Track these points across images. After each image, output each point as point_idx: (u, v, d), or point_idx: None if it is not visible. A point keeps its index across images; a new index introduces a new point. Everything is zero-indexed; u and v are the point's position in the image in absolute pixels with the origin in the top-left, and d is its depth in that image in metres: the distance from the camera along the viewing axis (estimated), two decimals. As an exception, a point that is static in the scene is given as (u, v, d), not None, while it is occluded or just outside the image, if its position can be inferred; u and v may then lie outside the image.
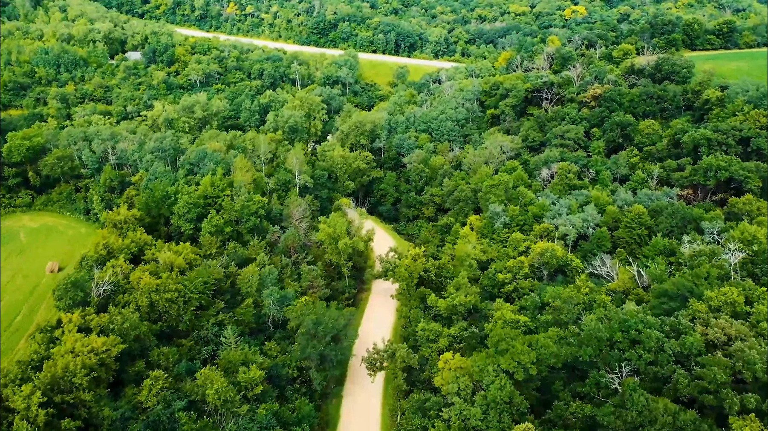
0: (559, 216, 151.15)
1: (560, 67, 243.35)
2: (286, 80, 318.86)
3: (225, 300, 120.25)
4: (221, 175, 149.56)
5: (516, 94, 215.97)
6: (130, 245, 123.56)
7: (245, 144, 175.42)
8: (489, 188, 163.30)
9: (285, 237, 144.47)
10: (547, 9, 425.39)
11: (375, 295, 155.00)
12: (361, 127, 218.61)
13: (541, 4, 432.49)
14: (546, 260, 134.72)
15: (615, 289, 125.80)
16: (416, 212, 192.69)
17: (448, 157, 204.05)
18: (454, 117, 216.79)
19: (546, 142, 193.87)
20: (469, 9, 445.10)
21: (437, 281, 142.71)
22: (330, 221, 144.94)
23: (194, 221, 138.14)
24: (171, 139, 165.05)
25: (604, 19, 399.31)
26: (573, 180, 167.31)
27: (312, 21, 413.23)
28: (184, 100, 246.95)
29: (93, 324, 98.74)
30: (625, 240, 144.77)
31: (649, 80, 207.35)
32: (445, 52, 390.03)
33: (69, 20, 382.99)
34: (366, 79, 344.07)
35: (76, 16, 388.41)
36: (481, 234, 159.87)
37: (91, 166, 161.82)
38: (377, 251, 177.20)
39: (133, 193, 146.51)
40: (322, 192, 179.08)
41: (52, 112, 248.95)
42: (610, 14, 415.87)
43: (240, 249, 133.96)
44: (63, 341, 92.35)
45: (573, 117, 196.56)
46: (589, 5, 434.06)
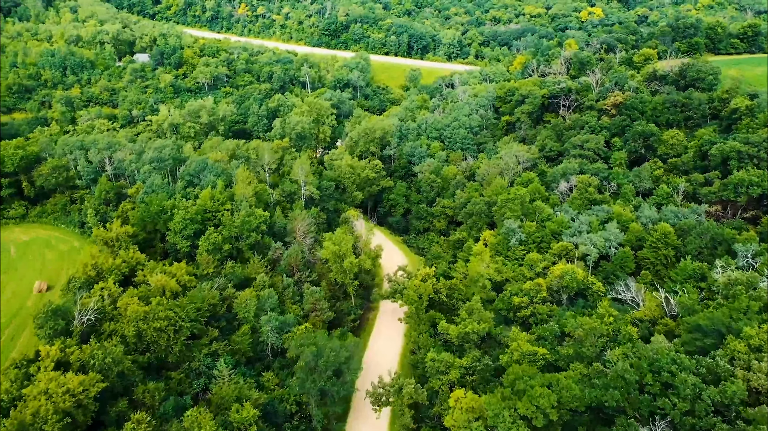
0: (579, 235, 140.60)
1: (578, 72, 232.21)
2: (296, 83, 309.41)
3: (220, 326, 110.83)
4: (222, 187, 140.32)
5: (532, 100, 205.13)
6: (120, 265, 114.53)
7: (248, 153, 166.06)
8: (504, 202, 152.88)
9: (287, 254, 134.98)
10: (563, 11, 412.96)
11: (382, 316, 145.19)
12: (370, 133, 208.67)
13: (556, 6, 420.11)
14: (565, 283, 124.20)
15: (641, 318, 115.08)
16: (427, 224, 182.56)
17: (461, 167, 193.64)
18: (467, 124, 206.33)
19: (564, 152, 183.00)
20: (483, 10, 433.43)
21: (449, 303, 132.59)
22: (335, 238, 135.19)
23: (191, 238, 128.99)
24: (171, 149, 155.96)
25: (622, 22, 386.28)
26: (593, 194, 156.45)
27: (323, 22, 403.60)
28: (190, 104, 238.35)
29: (73, 358, 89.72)
30: (650, 262, 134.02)
31: (673, 87, 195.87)
32: (459, 54, 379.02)
33: (79, 21, 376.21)
34: (378, 82, 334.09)
35: (86, 17, 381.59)
36: (495, 251, 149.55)
37: (86, 177, 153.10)
38: (386, 266, 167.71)
39: (128, 207, 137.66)
40: (329, 203, 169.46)
41: (56, 116, 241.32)
42: (627, 16, 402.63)
43: (239, 268, 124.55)
44: (36, 380, 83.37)
45: (592, 126, 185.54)
46: (606, 7, 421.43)
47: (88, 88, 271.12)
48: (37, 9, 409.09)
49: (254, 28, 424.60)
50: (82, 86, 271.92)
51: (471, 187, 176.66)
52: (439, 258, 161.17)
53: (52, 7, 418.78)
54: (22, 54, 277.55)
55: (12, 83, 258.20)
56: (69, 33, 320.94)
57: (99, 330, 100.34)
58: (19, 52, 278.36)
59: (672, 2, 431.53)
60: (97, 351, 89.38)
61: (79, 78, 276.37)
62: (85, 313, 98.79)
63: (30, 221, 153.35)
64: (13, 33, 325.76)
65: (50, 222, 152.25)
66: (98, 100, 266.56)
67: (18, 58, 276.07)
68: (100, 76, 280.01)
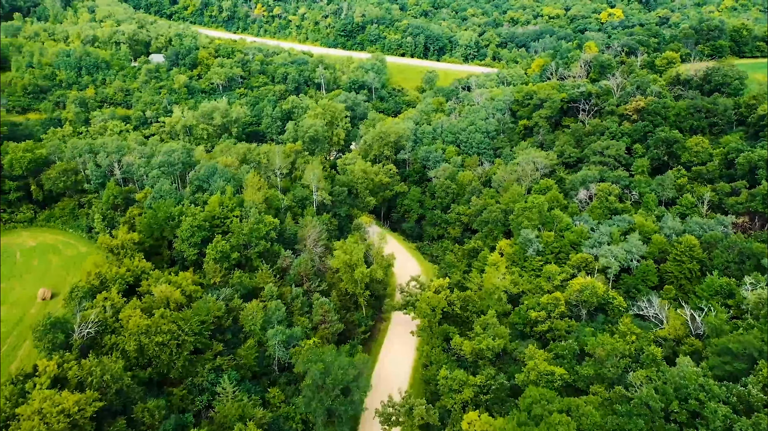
0: (599, 246, 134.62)
1: (598, 75, 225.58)
2: (311, 84, 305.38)
3: (225, 339, 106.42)
4: (231, 193, 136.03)
5: (551, 104, 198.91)
6: (125, 274, 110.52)
7: (259, 158, 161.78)
8: (521, 211, 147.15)
9: (297, 263, 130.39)
10: (583, 12, 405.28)
11: (394, 327, 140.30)
12: (385, 137, 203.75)
13: (576, 7, 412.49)
14: (585, 298, 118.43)
15: (665, 337, 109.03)
16: (441, 231, 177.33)
17: (477, 172, 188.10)
18: (484, 128, 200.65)
19: (583, 158, 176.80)
20: (501, 11, 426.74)
21: (463, 315, 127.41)
22: (346, 247, 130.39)
23: (199, 245, 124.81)
24: (181, 153, 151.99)
25: (643, 23, 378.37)
26: (614, 203, 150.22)
27: (339, 23, 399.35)
28: (203, 106, 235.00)
29: (71, 374, 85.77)
30: (673, 275, 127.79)
31: (697, 92, 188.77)
32: (476, 55, 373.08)
33: (97, 21, 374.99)
34: (393, 84, 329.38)
35: (104, 17, 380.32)
36: (511, 261, 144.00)
37: (95, 181, 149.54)
38: (399, 274, 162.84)
39: (135, 213, 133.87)
40: (341, 209, 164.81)
41: (70, 117, 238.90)
42: (648, 18, 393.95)
43: (246, 278, 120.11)
44: (31, 399, 79.45)
45: (613, 131, 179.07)
46: (626, 8, 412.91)
47: (102, 88, 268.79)
48: (55, 9, 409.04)
49: (270, 29, 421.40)
50: (96, 87, 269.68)
51: (487, 194, 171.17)
52: (453, 267, 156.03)
53: (70, 7, 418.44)
54: (38, 54, 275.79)
55: (27, 83, 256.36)
56: (85, 33, 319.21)
57: (100, 343, 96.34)
58: (35, 53, 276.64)
59: (694, 4, 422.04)
60: (95, 367, 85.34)
61: (94, 78, 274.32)
62: (85, 326, 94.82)
63: (38, 225, 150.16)
64: (30, 33, 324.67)
65: (58, 226, 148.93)
66: (112, 100, 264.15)
67: (34, 58, 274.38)
68: (114, 76, 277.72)
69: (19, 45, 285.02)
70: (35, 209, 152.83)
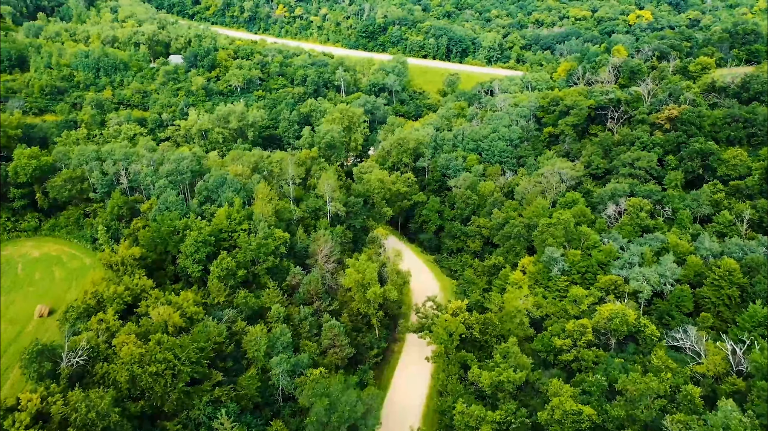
0: (630, 267, 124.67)
1: (628, 81, 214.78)
2: (330, 87, 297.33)
3: (226, 367, 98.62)
4: (239, 206, 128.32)
5: (578, 112, 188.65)
6: (123, 294, 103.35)
7: (271, 167, 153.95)
8: (546, 227, 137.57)
9: (307, 281, 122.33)
10: (610, 14, 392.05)
11: (409, 348, 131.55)
12: (404, 144, 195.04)
13: (603, 9, 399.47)
14: (615, 326, 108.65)
15: (703, 373, 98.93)
16: (460, 244, 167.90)
17: (499, 183, 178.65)
18: (507, 136, 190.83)
19: (612, 169, 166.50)
20: (525, 13, 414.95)
21: (482, 339, 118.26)
22: (359, 265, 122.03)
23: (203, 262, 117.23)
24: (190, 161, 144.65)
25: (672, 26, 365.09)
26: (645, 219, 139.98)
27: (361, 24, 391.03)
28: (219, 109, 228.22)
29: (54, 409, 78.50)
30: (710, 302, 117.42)
31: (734, 100, 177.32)
32: (499, 58, 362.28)
33: (119, 21, 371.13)
34: (414, 86, 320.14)
35: (125, 17, 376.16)
36: (534, 280, 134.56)
37: (101, 190, 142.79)
38: (415, 289, 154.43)
39: (139, 225, 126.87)
40: (356, 221, 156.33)
41: (86, 119, 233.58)
42: (678, 20, 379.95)
43: (251, 298, 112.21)
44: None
45: (644, 141, 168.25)
46: (656, 10, 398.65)
47: (120, 90, 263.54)
48: (78, 9, 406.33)
49: (291, 29, 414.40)
50: (114, 88, 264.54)
51: (509, 206, 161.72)
52: (472, 284, 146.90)
53: (93, 7, 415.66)
54: (56, 55, 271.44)
55: (44, 84, 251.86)
56: (105, 34, 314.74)
57: (91, 371, 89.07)
58: (54, 53, 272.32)
59: (726, 5, 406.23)
60: (81, 403, 77.90)
61: (111, 80, 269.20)
62: (74, 355, 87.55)
63: (42, 234, 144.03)
64: (51, 33, 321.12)
65: (63, 236, 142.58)
66: (129, 102, 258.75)
67: (52, 59, 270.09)
68: (132, 78, 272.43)
69: (38, 45, 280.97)
70: (40, 218, 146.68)
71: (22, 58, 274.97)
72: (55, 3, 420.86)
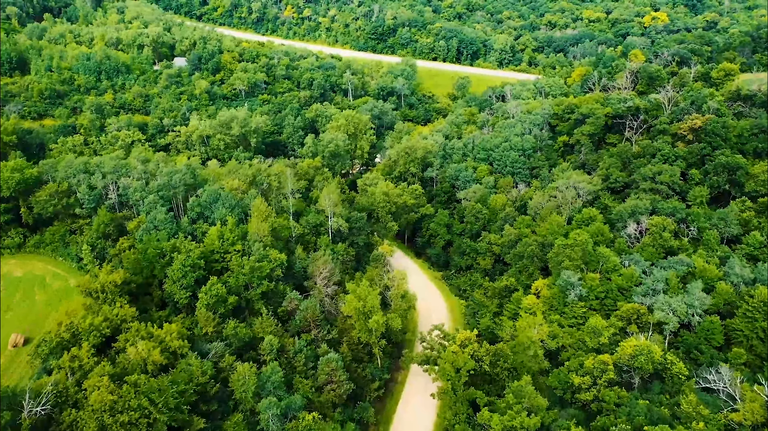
0: (654, 294, 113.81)
1: (646, 87, 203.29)
2: (337, 90, 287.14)
3: (210, 411, 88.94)
4: (232, 225, 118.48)
5: (594, 121, 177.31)
6: (101, 326, 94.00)
7: (270, 180, 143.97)
8: (561, 248, 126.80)
9: (304, 307, 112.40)
10: (625, 15, 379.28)
11: (413, 378, 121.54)
12: (411, 153, 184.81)
13: (617, 10, 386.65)
14: (639, 364, 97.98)
15: (740, 422, 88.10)
16: (470, 261, 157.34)
17: (511, 195, 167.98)
18: (519, 146, 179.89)
19: (631, 183, 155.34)
20: (538, 14, 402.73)
21: (492, 372, 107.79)
22: (360, 291, 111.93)
23: (192, 287, 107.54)
24: (183, 174, 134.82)
25: (689, 28, 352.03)
26: (669, 240, 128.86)
27: (370, 26, 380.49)
28: (221, 115, 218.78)
29: (10, 468, 69.60)
30: (743, 335, 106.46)
31: (762, 110, 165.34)
32: (511, 60, 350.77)
33: (125, 22, 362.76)
34: (424, 90, 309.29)
35: (132, 18, 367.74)
36: (549, 305, 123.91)
37: (87, 205, 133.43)
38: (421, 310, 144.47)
39: (125, 245, 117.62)
40: (359, 237, 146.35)
41: (85, 123, 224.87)
42: (695, 22, 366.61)
43: (242, 329, 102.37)
44: None
45: (666, 154, 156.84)
46: (671, 12, 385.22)
47: (121, 93, 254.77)
48: (85, 10, 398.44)
49: (299, 31, 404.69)
50: (115, 92, 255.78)
51: (522, 222, 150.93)
52: (482, 308, 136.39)
53: (100, 8, 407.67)
54: (57, 57, 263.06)
55: (44, 88, 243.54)
56: (109, 35, 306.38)
57: (57, 419, 79.53)
58: (55, 56, 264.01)
59: (743, 7, 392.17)
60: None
61: (113, 83, 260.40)
62: (37, 403, 77.98)
63: (27, 251, 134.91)
64: (55, 35, 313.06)
65: (48, 253, 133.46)
66: (131, 106, 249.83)
67: (53, 61, 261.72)
68: (134, 81, 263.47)
69: (40, 48, 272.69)
70: (25, 233, 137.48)
71: (23, 61, 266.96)
72: (62, 3, 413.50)
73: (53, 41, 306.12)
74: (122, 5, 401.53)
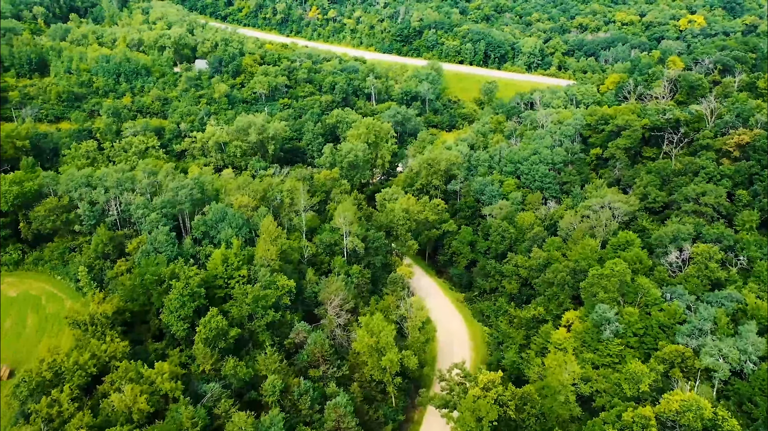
0: (700, 335, 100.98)
1: (686, 97, 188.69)
2: (360, 95, 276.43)
3: (201, 467, 79.05)
4: (237, 248, 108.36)
5: (631, 133, 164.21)
6: (87, 364, 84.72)
7: (282, 196, 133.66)
8: (596, 278, 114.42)
9: (312, 341, 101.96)
10: (659, 18, 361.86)
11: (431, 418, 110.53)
12: (434, 164, 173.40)
13: (652, 13, 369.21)
14: (686, 421, 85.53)
15: (807, 499, 75.39)
16: (495, 284, 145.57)
17: (540, 213, 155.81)
18: (549, 159, 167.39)
19: (671, 203, 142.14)
20: (568, 17, 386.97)
21: (518, 418, 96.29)
22: (373, 325, 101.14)
23: (191, 318, 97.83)
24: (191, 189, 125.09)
25: (727, 32, 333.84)
26: (716, 271, 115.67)
27: (396, 28, 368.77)
28: (239, 120, 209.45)
29: None
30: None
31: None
32: (540, 64, 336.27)
33: (150, 23, 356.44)
34: (449, 94, 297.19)
35: (156, 19, 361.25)
36: (581, 341, 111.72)
37: (87, 222, 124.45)
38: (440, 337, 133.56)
39: (123, 268, 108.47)
40: (376, 258, 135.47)
41: (102, 127, 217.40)
42: (733, 25, 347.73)
43: (242, 369, 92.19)
44: None
45: (710, 172, 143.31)
46: (709, 14, 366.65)
47: (140, 96, 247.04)
48: (111, 10, 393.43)
49: (324, 32, 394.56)
50: (134, 95, 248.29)
51: (551, 244, 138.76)
52: (507, 338, 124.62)
53: (126, 8, 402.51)
54: (77, 59, 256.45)
55: (62, 90, 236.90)
56: (131, 37, 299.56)
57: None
58: (75, 57, 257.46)
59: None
60: None
61: (132, 86, 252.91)
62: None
63: (25, 268, 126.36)
64: (78, 36, 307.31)
65: (47, 271, 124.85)
66: (149, 110, 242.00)
67: (73, 63, 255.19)
68: (153, 84, 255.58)
69: (60, 49, 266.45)
70: (24, 249, 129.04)
71: (44, 62, 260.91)
72: (88, 3, 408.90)
73: (75, 42, 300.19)
74: (147, 6, 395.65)
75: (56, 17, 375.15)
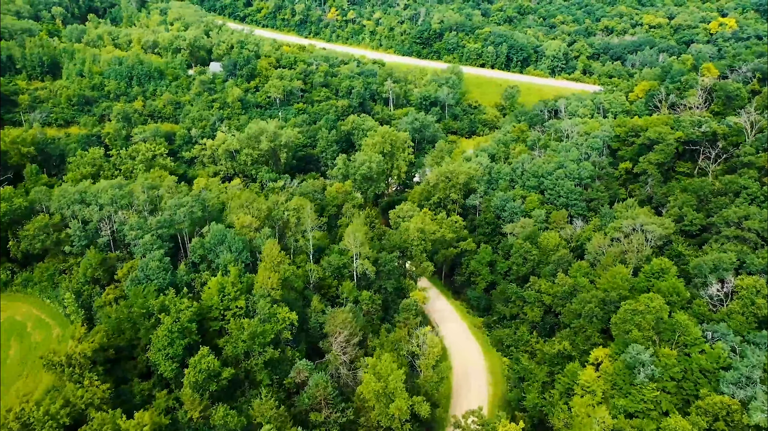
0: (749, 385, 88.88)
1: (722, 108, 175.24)
2: (378, 100, 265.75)
3: None
4: (235, 276, 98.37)
5: (664, 147, 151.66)
6: (59, 413, 75.47)
7: (288, 215, 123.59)
8: (629, 314, 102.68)
9: (314, 382, 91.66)
10: (689, 21, 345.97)
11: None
12: (452, 178, 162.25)
13: (681, 16, 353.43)
14: (736, 493, 73.83)
15: None
16: (515, 310, 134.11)
17: (565, 233, 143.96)
18: (575, 174, 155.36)
19: (710, 227, 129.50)
20: (594, 19, 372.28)
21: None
22: (381, 367, 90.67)
23: (180, 357, 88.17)
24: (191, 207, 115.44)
25: (760, 36, 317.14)
26: (763, 308, 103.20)
27: (416, 30, 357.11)
28: (250, 127, 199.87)
29: None
30: None
31: None
32: (564, 68, 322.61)
33: (167, 24, 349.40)
34: (470, 98, 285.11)
35: (173, 20, 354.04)
36: (612, 383, 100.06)
37: (78, 243, 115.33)
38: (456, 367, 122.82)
39: (111, 297, 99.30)
40: (388, 283, 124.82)
41: (111, 132, 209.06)
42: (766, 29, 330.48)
43: (233, 418, 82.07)
44: None
45: (752, 192, 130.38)
46: (740, 18, 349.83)
47: (152, 100, 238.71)
48: (129, 11, 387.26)
49: (343, 34, 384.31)
50: (146, 98, 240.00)
51: (578, 269, 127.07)
52: (529, 375, 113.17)
53: (144, 8, 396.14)
54: (89, 61, 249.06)
55: (73, 94, 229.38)
56: (146, 38, 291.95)
57: None
58: (87, 59, 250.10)
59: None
60: None
61: (144, 89, 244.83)
62: None
63: (14, 290, 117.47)
64: (93, 37, 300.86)
65: (36, 293, 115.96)
66: (161, 114, 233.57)
67: (85, 65, 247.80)
68: (166, 88, 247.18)
69: (72, 51, 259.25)
70: (14, 269, 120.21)
71: (56, 65, 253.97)
72: (107, 4, 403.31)
73: (91, 43, 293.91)
74: (165, 6, 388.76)
75: (74, 17, 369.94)
